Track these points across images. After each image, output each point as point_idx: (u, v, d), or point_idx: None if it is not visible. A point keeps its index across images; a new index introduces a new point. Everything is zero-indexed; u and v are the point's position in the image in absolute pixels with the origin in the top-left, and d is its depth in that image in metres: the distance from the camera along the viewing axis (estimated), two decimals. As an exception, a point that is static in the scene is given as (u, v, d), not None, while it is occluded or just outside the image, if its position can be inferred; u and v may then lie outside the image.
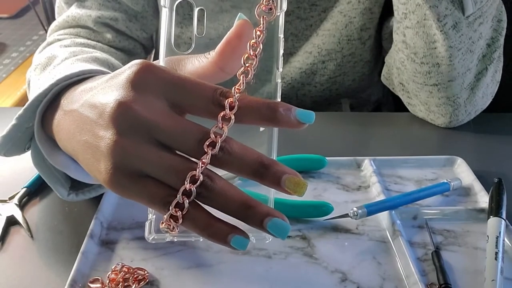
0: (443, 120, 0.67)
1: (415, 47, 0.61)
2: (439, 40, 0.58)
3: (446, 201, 0.53)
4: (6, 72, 1.44)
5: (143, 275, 0.43)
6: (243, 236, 0.33)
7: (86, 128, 0.36)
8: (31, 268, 0.45)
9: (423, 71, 0.63)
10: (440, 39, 0.58)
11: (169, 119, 0.33)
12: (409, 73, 0.65)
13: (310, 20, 0.73)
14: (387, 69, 0.73)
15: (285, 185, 0.33)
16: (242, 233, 0.33)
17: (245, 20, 0.35)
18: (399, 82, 0.70)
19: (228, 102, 0.33)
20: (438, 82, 0.63)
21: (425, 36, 0.59)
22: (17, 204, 0.52)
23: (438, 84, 0.63)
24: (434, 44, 0.59)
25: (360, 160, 0.58)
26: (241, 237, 0.33)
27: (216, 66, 0.35)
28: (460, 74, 0.62)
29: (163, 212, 0.33)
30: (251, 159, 0.33)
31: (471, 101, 0.65)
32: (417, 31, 0.60)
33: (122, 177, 0.34)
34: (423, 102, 0.67)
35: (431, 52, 0.60)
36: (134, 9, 0.72)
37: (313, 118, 0.34)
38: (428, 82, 0.63)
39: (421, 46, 0.61)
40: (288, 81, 0.77)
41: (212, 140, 0.32)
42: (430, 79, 0.63)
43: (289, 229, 0.33)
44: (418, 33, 0.60)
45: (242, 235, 0.33)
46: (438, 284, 0.42)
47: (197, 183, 0.32)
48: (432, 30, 0.58)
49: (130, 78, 0.34)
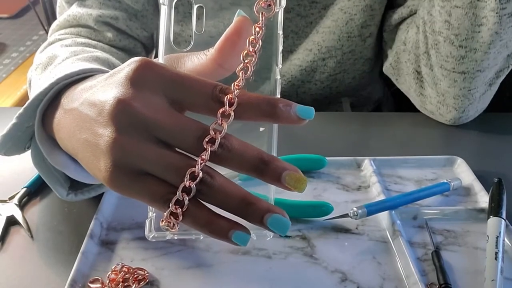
0: (454, 115, 0.67)
1: (459, 28, 0.60)
2: (488, 23, 0.58)
3: (446, 201, 0.53)
4: (6, 72, 1.44)
5: (143, 275, 0.43)
6: (244, 231, 0.33)
7: (85, 126, 0.36)
8: (31, 268, 0.45)
9: (458, 55, 0.62)
10: (490, 22, 0.58)
11: (168, 116, 0.33)
12: (439, 57, 0.64)
13: (310, 17, 0.73)
14: (396, 57, 0.72)
15: (286, 181, 0.33)
16: (243, 228, 0.33)
17: (244, 17, 0.35)
18: (415, 70, 0.69)
19: (228, 98, 0.33)
20: (467, 70, 0.62)
21: (474, 17, 0.59)
22: (17, 204, 0.52)
23: (466, 72, 0.63)
24: (480, 27, 0.59)
25: (360, 160, 0.58)
26: (242, 232, 0.33)
27: (215, 62, 0.35)
28: (489, 66, 0.62)
29: (163, 209, 0.33)
30: (251, 155, 0.33)
31: (484, 98, 0.66)
32: (467, 11, 0.59)
33: (121, 175, 0.34)
34: (441, 93, 0.66)
35: (473, 35, 0.60)
36: (134, 7, 0.72)
37: (313, 114, 0.34)
38: (458, 68, 0.63)
39: (466, 27, 0.60)
40: (288, 79, 0.77)
41: (212, 136, 0.32)
42: (461, 65, 0.62)
43: (290, 225, 0.33)
44: (467, 13, 0.59)
45: (243, 230, 0.33)
46: (438, 284, 0.42)
47: (196, 180, 0.32)
48: (483, 12, 0.58)
49: (129, 76, 0.34)
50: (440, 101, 0.67)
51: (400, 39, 0.71)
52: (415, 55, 0.68)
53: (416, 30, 0.67)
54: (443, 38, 0.62)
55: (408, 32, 0.69)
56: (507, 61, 0.64)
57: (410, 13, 0.70)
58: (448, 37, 0.62)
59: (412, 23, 0.69)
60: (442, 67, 0.64)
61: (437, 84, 0.66)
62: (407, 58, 0.70)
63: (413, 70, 0.69)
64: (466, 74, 0.63)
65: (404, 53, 0.70)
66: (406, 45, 0.69)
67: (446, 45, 0.62)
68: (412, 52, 0.68)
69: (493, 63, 0.63)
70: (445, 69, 0.64)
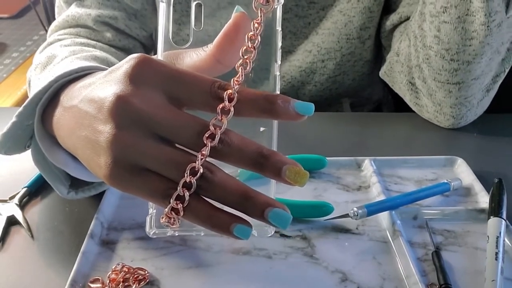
0: (452, 122, 0.66)
1: (449, 43, 0.60)
2: (478, 37, 0.57)
3: (446, 201, 0.53)
4: (7, 72, 1.44)
5: (143, 275, 0.43)
6: (246, 225, 0.33)
7: (85, 123, 0.36)
8: (31, 268, 0.45)
9: (451, 68, 0.61)
10: (481, 36, 0.57)
11: (168, 112, 0.33)
12: (432, 71, 0.63)
13: (309, 18, 0.73)
14: (389, 66, 0.72)
15: (286, 175, 0.33)
16: (244, 222, 0.33)
17: (243, 13, 0.35)
18: (408, 81, 0.68)
19: (227, 94, 0.33)
20: (462, 80, 0.62)
21: (463, 32, 0.58)
22: (18, 204, 0.52)
23: (461, 83, 0.62)
24: (471, 41, 0.58)
25: (361, 160, 0.58)
26: (244, 226, 0.33)
27: (214, 58, 0.35)
28: (484, 73, 0.62)
29: (164, 205, 0.33)
30: (251, 150, 0.33)
31: (483, 103, 0.66)
32: (455, 26, 0.58)
33: (122, 171, 0.34)
34: (437, 103, 0.66)
35: (464, 49, 0.59)
36: (133, 7, 0.72)
37: (312, 109, 0.34)
38: (452, 80, 0.62)
39: (456, 42, 0.59)
40: (288, 80, 0.77)
41: (212, 132, 0.32)
42: (455, 77, 0.62)
43: (290, 219, 0.33)
44: (456, 28, 0.58)
45: (244, 224, 0.33)
46: (438, 284, 0.42)
47: (197, 175, 0.32)
48: (472, 26, 0.57)
49: (128, 72, 0.34)
50: (437, 110, 0.67)
51: (393, 49, 0.71)
52: (408, 67, 0.68)
53: (408, 43, 0.67)
54: (434, 52, 0.62)
55: (401, 42, 0.69)
56: (502, 65, 0.63)
57: (400, 20, 0.70)
58: (439, 51, 0.61)
59: (405, 34, 0.69)
60: (436, 79, 0.64)
61: (432, 95, 0.66)
62: (400, 69, 0.69)
63: (407, 82, 0.69)
64: (461, 84, 0.63)
65: (397, 64, 0.70)
66: (399, 56, 0.69)
67: (437, 59, 0.62)
68: (406, 65, 0.68)
69: (487, 70, 0.62)
70: (438, 81, 0.64)
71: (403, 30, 0.70)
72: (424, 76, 0.65)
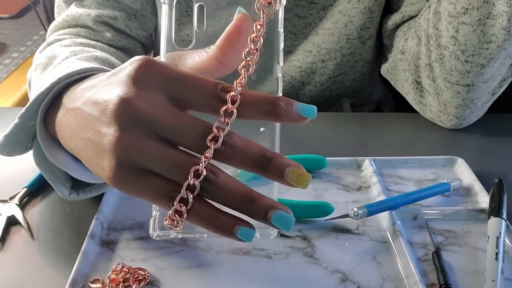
0: (455, 122, 0.66)
1: (466, 45, 0.59)
2: (497, 40, 0.57)
3: (447, 201, 0.53)
4: (7, 72, 1.44)
5: (143, 275, 0.43)
6: (249, 227, 0.33)
7: (88, 126, 0.36)
8: (31, 268, 0.45)
9: (463, 70, 0.61)
10: (499, 40, 0.57)
11: (171, 115, 0.34)
12: (444, 71, 0.63)
13: (309, 18, 0.73)
14: (392, 64, 0.71)
15: (289, 177, 0.33)
16: (248, 224, 0.33)
17: (245, 14, 0.35)
18: (414, 80, 0.68)
19: (230, 96, 0.33)
20: (472, 82, 0.62)
21: (482, 35, 0.58)
22: (18, 204, 0.52)
23: (471, 85, 0.62)
24: (488, 44, 0.58)
25: (361, 160, 0.58)
26: (247, 228, 0.33)
27: (216, 60, 0.35)
28: (493, 77, 0.62)
29: (168, 207, 0.33)
30: (254, 152, 0.33)
31: (486, 106, 0.66)
32: (475, 28, 0.58)
33: (125, 174, 0.34)
34: (442, 103, 0.66)
35: (481, 52, 0.59)
36: (133, 7, 0.72)
37: (315, 112, 0.34)
38: (462, 81, 0.62)
39: (473, 44, 0.59)
40: (288, 80, 0.77)
41: (215, 134, 0.32)
42: (466, 78, 0.62)
43: (293, 221, 0.33)
44: (475, 30, 0.58)
45: (247, 226, 0.33)
46: (438, 284, 0.42)
47: (200, 178, 0.32)
48: (492, 29, 0.57)
49: (131, 74, 0.34)
50: (441, 110, 0.67)
51: (397, 47, 0.71)
52: (415, 66, 0.68)
53: (417, 42, 0.67)
54: (448, 52, 0.61)
55: (408, 41, 0.69)
56: (510, 70, 0.63)
57: (403, 19, 0.70)
58: (454, 52, 0.61)
59: (410, 32, 0.69)
60: (446, 79, 0.63)
61: (439, 94, 0.66)
62: (405, 67, 0.69)
63: (413, 80, 0.69)
64: (471, 86, 0.62)
65: (401, 62, 0.70)
66: (405, 55, 0.69)
67: (451, 60, 0.61)
68: (413, 63, 0.68)
69: (497, 74, 0.62)
70: (448, 81, 0.63)
71: (407, 29, 0.70)
72: (434, 75, 0.65)
